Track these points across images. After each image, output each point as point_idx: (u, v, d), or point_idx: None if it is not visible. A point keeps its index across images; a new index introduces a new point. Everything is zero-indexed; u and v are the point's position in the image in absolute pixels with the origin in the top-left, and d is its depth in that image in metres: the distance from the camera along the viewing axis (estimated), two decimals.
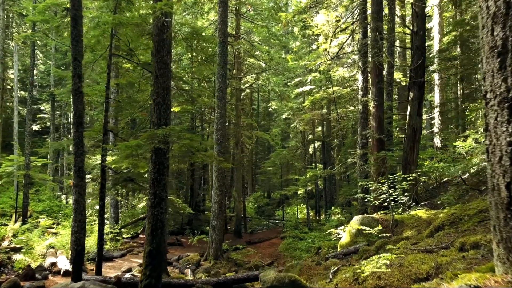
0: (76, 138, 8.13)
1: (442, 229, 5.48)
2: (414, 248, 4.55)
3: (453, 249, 3.81)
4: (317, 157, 30.52)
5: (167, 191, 6.93)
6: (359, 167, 12.90)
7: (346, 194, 17.28)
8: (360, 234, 8.41)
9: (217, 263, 13.98)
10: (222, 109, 14.22)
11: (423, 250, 4.12)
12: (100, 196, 9.00)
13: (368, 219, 8.47)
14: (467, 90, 23.46)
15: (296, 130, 28.15)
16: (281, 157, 26.77)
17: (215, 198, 14.27)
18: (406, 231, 7.54)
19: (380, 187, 8.40)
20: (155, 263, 6.62)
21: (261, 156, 41.79)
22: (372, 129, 12.66)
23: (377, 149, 12.51)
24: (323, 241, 15.68)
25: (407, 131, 12.46)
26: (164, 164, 6.87)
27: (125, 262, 13.66)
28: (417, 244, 4.81)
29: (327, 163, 24.58)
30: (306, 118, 23.08)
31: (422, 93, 12.39)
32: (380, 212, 9.44)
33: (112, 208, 17.27)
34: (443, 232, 5.22)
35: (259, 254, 17.02)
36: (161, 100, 6.93)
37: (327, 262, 7.39)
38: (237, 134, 21.44)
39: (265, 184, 35.04)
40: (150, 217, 6.75)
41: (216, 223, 14.19)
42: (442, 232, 5.20)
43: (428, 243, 4.65)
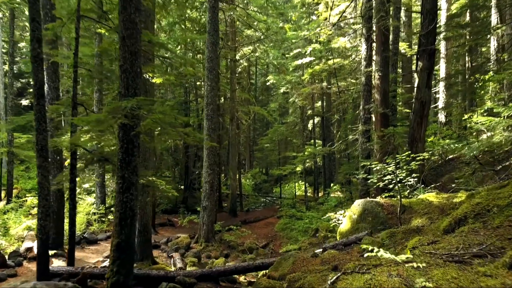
0: (38, 113, 7.06)
1: (465, 223, 4.50)
2: (434, 251, 3.56)
3: (496, 263, 2.82)
4: (317, 133, 29.47)
5: (137, 174, 5.92)
6: (361, 144, 11.87)
7: (346, 172, 16.36)
8: (363, 221, 7.47)
9: (208, 246, 13.20)
10: (212, 81, 13.06)
11: (450, 259, 3.13)
12: (71, 178, 7.99)
13: (372, 204, 7.51)
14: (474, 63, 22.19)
15: (295, 105, 26.97)
16: (279, 134, 25.73)
17: (206, 178, 13.33)
18: (416, 219, 6.58)
19: (385, 168, 7.39)
20: (124, 257, 5.69)
21: (260, 132, 40.73)
22: (376, 102, 11.56)
23: (381, 125, 11.46)
24: (321, 222, 14.86)
25: (415, 105, 11.37)
26: (134, 142, 5.82)
27: (110, 245, 12.82)
28: (437, 244, 3.82)
29: (326, 139, 23.57)
30: (305, 92, 21.89)
31: (432, 62, 11.21)
32: (384, 194, 8.48)
33: (98, 188, 16.37)
34: (467, 227, 4.23)
35: (254, 234, 16.24)
36: (128, 67, 5.82)
37: (324, 254, 6.46)
38: (232, 109, 20.31)
39: (262, 161, 34.17)
40: (118, 204, 5.77)
41: (207, 204, 13.31)
42: (466, 228, 4.22)
43: (452, 244, 3.66)
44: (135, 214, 5.87)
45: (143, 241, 10.31)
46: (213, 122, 13.16)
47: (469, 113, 17.59)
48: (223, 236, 14.45)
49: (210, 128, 13.11)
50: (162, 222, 17.55)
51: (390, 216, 7.21)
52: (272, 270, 6.55)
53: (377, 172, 8.84)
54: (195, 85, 25.49)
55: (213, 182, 13.37)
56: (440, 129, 19.73)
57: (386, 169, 7.41)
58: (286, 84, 24.41)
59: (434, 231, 5.33)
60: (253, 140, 38.51)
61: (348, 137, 12.87)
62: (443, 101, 20.42)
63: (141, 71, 6.01)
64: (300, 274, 5.53)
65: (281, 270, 6.32)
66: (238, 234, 15.07)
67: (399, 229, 5.94)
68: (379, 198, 7.74)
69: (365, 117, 12.04)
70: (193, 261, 11.60)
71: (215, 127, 13.34)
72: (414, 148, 11.13)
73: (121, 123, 5.61)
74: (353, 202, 16.22)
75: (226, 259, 12.43)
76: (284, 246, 14.47)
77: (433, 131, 19.44)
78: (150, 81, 10.10)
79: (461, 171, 11.70)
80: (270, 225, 18.51)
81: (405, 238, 5.58)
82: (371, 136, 12.10)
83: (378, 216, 7.27)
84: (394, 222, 7.07)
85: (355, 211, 7.72)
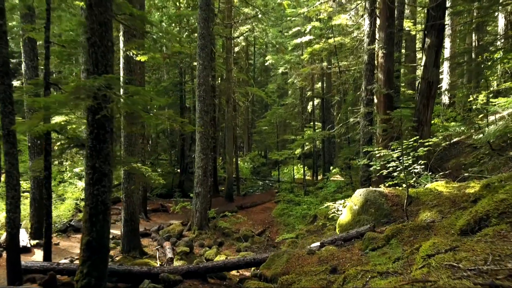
0: (2, 93, 6.30)
1: (487, 223, 3.82)
2: (456, 263, 2.88)
3: None
4: (316, 115, 28.67)
5: (111, 163, 5.21)
6: (363, 127, 11.14)
7: (346, 156, 15.67)
8: (364, 212, 6.81)
9: (201, 234, 12.62)
10: (204, 59, 12.21)
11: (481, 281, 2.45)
12: (45, 165, 7.30)
13: (375, 194, 6.84)
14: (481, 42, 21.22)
15: (294, 86, 26.08)
16: (277, 116, 24.92)
17: (199, 163, 12.64)
18: (424, 212, 5.91)
19: (390, 154, 6.68)
20: (96, 258, 5.03)
21: (258, 114, 39.89)
22: (379, 83, 10.77)
23: (384, 107, 10.70)
24: (320, 209, 14.27)
25: (421, 85, 10.60)
26: (106, 127, 5.08)
27: None
28: (457, 253, 3.14)
29: (326, 121, 22.80)
30: (304, 73, 20.98)
31: (441, 39, 10.40)
32: (388, 182, 7.80)
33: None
34: (492, 230, 3.55)
35: (250, 221, 15.68)
36: (97, 40, 5.03)
37: (322, 251, 5.82)
38: (228, 90, 19.47)
39: (260, 144, 33.45)
40: (88, 198, 5.08)
41: (200, 190, 12.66)
42: (491, 231, 3.53)
43: (477, 254, 2.97)
44: (108, 208, 5.19)
45: (129, 230, 9.71)
46: (206, 104, 12.37)
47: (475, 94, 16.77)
48: (218, 223, 13.87)
49: (203, 111, 12.33)
50: (155, 208, 16.96)
51: (395, 208, 6.54)
52: (265, 268, 5.93)
53: (379, 158, 8.16)
54: (191, 65, 24.54)
55: (206, 167, 12.69)
56: (444, 111, 18.97)
57: (391, 156, 6.72)
58: (285, 64, 23.46)
59: (448, 229, 4.66)
60: (251, 122, 37.73)
61: (349, 120, 12.12)
62: (447, 82, 19.57)
63: (113, 45, 5.21)
64: (294, 276, 4.88)
65: (274, 269, 5.69)
66: (233, 220, 14.49)
67: (407, 225, 5.28)
68: (383, 188, 7.06)
69: (367, 98, 11.27)
70: (185, 250, 11.02)
71: (208, 109, 12.56)
72: (420, 132, 10.41)
73: (90, 105, 4.87)
74: (353, 188, 15.64)
75: (219, 248, 11.87)
76: (280, 233, 13.91)
77: (437, 113, 18.67)
78: (135, 59, 9.28)
79: (468, 156, 11.01)
80: (267, 210, 17.96)
81: (414, 236, 4.92)
82: (374, 118, 11.36)
83: (382, 207, 6.60)
84: (399, 214, 6.41)
85: (356, 202, 7.06)
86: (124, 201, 9.67)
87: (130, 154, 9.56)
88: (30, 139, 10.40)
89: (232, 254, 11.48)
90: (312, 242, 11.10)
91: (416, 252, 3.88)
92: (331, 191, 14.88)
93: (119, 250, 9.84)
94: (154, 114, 5.43)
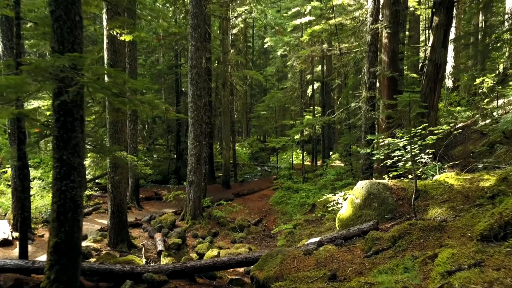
0: None
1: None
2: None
3: None
4: (316, 100, 27.92)
5: (81, 155, 4.60)
6: (365, 113, 10.48)
7: (347, 143, 15.07)
8: (367, 207, 6.24)
9: (195, 224, 12.11)
10: (197, 40, 11.47)
11: None
12: (18, 154, 6.70)
13: (378, 187, 6.24)
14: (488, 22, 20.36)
15: (293, 69, 25.24)
16: (276, 100, 24.21)
17: (191, 150, 12.04)
18: (433, 208, 5.33)
19: (396, 143, 6.06)
20: (65, 262, 4.46)
21: (258, 98, 39.06)
22: (383, 65, 10.07)
23: (388, 91, 10.04)
24: (319, 197, 13.74)
25: (428, 67, 9.90)
26: (74, 114, 4.45)
27: (87, 223, 11.73)
28: (485, 271, 2.55)
29: (326, 106, 22.08)
30: (304, 55, 20.15)
31: (450, 17, 9.65)
32: (392, 173, 7.19)
33: None
34: None
35: (246, 209, 15.17)
36: (62, 13, 4.35)
37: (320, 252, 5.27)
38: (225, 73, 18.71)
39: (259, 129, 32.76)
40: (56, 194, 4.49)
41: (193, 178, 12.09)
42: None
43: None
44: (79, 206, 4.59)
45: (117, 222, 9.18)
46: (199, 87, 11.69)
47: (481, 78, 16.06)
48: (212, 212, 13.36)
49: (196, 95, 11.66)
50: (149, 196, 16.43)
51: (401, 203, 5.96)
52: (257, 269, 5.37)
53: (383, 146, 7.55)
54: (186, 47, 23.66)
55: (200, 154, 12.10)
56: (448, 95, 18.27)
57: (397, 144, 6.09)
58: (284, 46, 22.59)
59: (463, 231, 4.07)
60: (250, 106, 36.96)
61: (350, 105, 11.44)
62: (451, 65, 18.80)
63: (81, 19, 4.53)
64: (288, 284, 4.32)
65: (266, 271, 5.14)
66: (229, 209, 13.98)
67: (415, 224, 4.70)
68: (387, 180, 6.46)
69: (370, 82, 10.57)
70: (177, 242, 10.52)
71: (201, 93, 11.88)
72: (426, 118, 9.77)
73: (56, 88, 4.23)
74: (354, 175, 15.08)
75: (213, 239, 11.38)
76: (278, 223, 13.40)
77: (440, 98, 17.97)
78: (119, 39, 8.57)
79: (476, 144, 10.39)
80: (264, 198, 17.45)
81: (424, 238, 4.35)
82: (376, 103, 10.70)
83: (386, 202, 6.02)
84: (405, 210, 5.83)
85: (358, 195, 6.47)
86: (110, 191, 9.10)
87: (116, 142, 8.94)
88: (10, 125, 9.76)
89: (227, 245, 10.99)
90: (310, 234, 10.60)
91: (430, 262, 3.30)
92: (331, 178, 14.32)
93: (106, 243, 9.33)
94: (130, 100, 4.78)
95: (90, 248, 8.91)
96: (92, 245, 9.11)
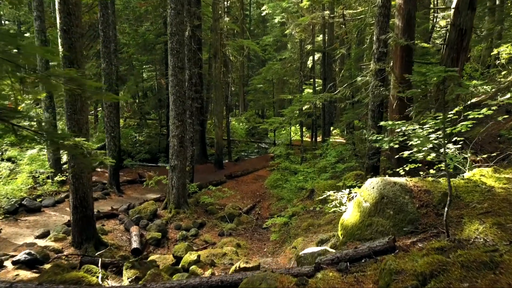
0: None
1: None
2: None
3: None
4: (317, 71, 26.13)
5: None
6: (373, 88, 8.92)
7: (349, 121, 13.60)
8: (379, 213, 4.84)
9: (179, 213, 10.82)
10: (177, 3, 9.78)
11: None
12: None
13: (394, 189, 4.82)
14: None
15: (293, 39, 23.34)
16: (273, 72, 22.43)
17: (173, 131, 10.59)
18: (471, 223, 3.92)
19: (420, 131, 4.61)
20: None
21: (256, 70, 37.18)
22: (397, 31, 8.42)
23: (401, 62, 8.45)
24: (318, 181, 12.39)
25: (450, 34, 8.29)
26: None
27: (56, 213, 10.43)
28: None
29: (327, 78, 20.36)
30: (304, 23, 18.28)
31: None
32: (408, 165, 5.76)
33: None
34: None
35: (239, 194, 13.88)
36: None
37: (317, 280, 3.91)
38: (216, 42, 16.95)
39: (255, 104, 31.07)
40: None
41: (176, 163, 10.70)
42: None
43: None
44: None
45: (80, 218, 7.83)
46: (180, 58, 10.09)
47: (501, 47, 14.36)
48: (200, 199, 12.04)
49: (176, 67, 10.07)
50: (132, 179, 15.06)
51: (424, 211, 4.55)
52: None
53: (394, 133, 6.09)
54: None
55: (183, 136, 10.64)
56: None
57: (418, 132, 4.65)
58: (282, 13, 20.63)
59: None
60: (247, 79, 35.15)
61: (356, 79, 9.85)
62: None
63: None
64: None
65: None
66: (219, 195, 12.65)
67: (453, 253, 3.30)
68: (406, 179, 5.01)
69: (380, 51, 8.94)
70: (156, 237, 9.28)
71: (183, 65, 10.28)
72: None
73: None
74: (356, 156, 13.64)
75: (199, 230, 10.12)
76: (273, 210, 12.12)
77: None
78: None
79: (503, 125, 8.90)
80: (259, 180, 16.15)
81: (470, 280, 2.96)
82: (387, 77, 9.13)
83: (405, 209, 4.61)
84: (431, 221, 4.43)
85: (367, 197, 5.06)
86: (71, 183, 7.69)
87: (75, 124, 7.46)
88: None
89: (213, 239, 9.73)
90: (308, 228, 9.26)
91: None
92: (331, 161, 12.91)
93: (70, 242, 8.02)
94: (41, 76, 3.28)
95: (50, 248, 7.61)
96: (52, 245, 7.80)
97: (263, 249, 9.12)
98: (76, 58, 7.36)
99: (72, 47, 7.28)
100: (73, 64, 7.32)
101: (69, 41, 7.24)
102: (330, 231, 8.12)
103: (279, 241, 9.13)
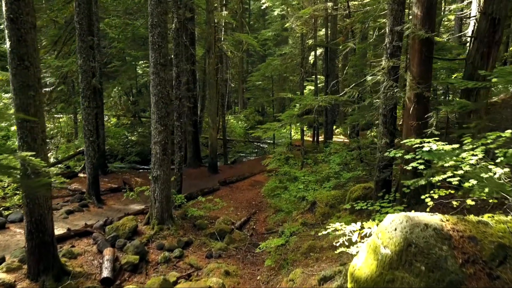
0: None
1: None
2: None
3: None
4: (319, 67, 24.76)
5: None
6: (385, 90, 7.59)
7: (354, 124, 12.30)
8: (404, 266, 3.54)
9: (163, 230, 9.55)
10: None
11: None
12: None
13: (426, 234, 3.51)
14: None
15: (293, 33, 21.96)
16: (273, 68, 21.10)
17: (155, 136, 9.30)
18: None
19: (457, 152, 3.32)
20: None
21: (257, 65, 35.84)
22: (415, 21, 7.06)
23: (420, 58, 7.10)
24: (320, 191, 11.10)
25: (479, 24, 6.95)
26: None
27: (22, 230, 9.12)
28: None
29: (330, 75, 19.03)
30: (305, 15, 16.91)
31: None
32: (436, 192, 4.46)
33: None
34: None
35: (232, 205, 12.59)
36: None
37: None
38: (209, 36, 15.60)
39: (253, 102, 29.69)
40: None
41: (159, 173, 9.43)
42: None
43: None
44: None
45: (36, 246, 6.56)
46: (162, 54, 8.77)
47: None
48: (189, 211, 10.75)
49: (158, 63, 8.77)
50: (118, 186, 13.76)
51: (472, 270, 3.23)
52: None
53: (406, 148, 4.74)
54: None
55: (166, 142, 9.36)
56: None
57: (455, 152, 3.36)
58: (282, 5, 19.28)
59: None
60: (246, 75, 33.80)
61: (366, 78, 8.53)
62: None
63: None
64: None
65: None
66: (209, 207, 11.36)
67: None
68: (440, 218, 3.69)
69: (393, 46, 7.61)
70: (132, 261, 8.03)
71: (166, 61, 8.96)
72: (473, 98, 6.94)
73: None
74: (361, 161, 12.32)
75: (183, 251, 8.85)
76: (269, 224, 10.85)
77: None
78: None
79: None
80: (256, 186, 14.87)
81: None
82: (402, 76, 7.80)
83: (443, 266, 3.31)
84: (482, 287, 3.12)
85: (387, 241, 3.75)
86: (25, 204, 6.42)
87: (28, 134, 6.17)
88: None
89: (200, 261, 8.48)
90: (309, 251, 7.95)
91: None
92: (335, 169, 11.60)
93: (25, 273, 6.75)
94: None
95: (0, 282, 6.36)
96: (3, 278, 6.53)
97: (255, 276, 7.86)
98: (27, 53, 6.06)
99: (21, 40, 5.98)
100: (23, 60, 6.04)
101: (17, 32, 5.94)
102: (335, 260, 6.86)
103: (274, 267, 7.86)
